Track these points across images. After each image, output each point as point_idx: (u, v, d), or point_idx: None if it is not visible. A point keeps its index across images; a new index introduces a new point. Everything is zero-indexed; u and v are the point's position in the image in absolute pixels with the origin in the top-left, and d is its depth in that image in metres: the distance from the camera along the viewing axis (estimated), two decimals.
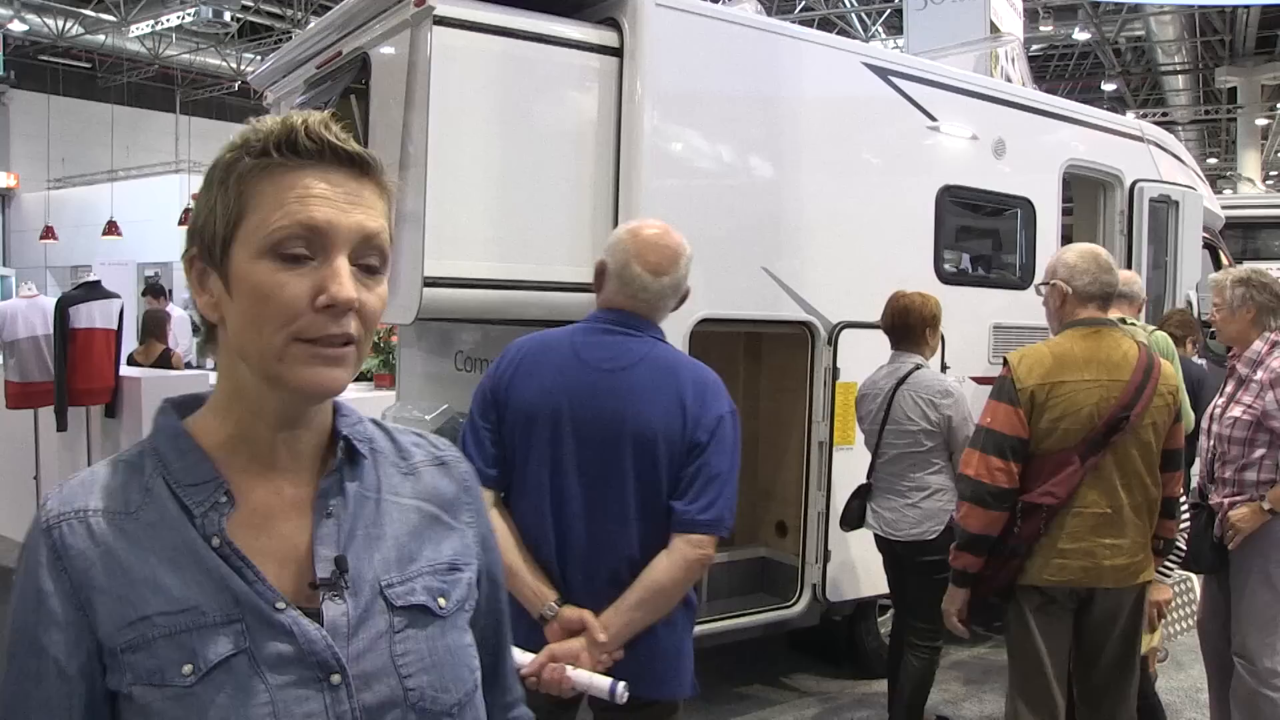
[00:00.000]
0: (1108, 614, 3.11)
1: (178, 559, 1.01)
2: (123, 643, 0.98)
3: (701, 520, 2.33)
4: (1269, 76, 22.17)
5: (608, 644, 2.31)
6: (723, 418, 2.39)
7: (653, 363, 2.43)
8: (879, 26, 20.70)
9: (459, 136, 3.70)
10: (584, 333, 2.51)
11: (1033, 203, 5.45)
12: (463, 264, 3.69)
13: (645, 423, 2.36)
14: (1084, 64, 24.31)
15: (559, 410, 2.41)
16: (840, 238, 4.68)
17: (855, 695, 4.91)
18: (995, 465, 3.05)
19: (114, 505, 1.03)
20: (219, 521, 1.02)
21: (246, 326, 1.02)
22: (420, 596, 1.11)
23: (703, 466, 2.35)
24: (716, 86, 4.30)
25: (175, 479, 1.04)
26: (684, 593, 2.39)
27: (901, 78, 4.88)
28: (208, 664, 0.98)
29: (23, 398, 6.56)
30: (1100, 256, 3.23)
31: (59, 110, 24.51)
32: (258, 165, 1.02)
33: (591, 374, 2.43)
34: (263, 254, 1.01)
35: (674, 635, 2.45)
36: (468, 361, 4.99)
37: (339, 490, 1.10)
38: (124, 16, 20.38)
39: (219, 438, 1.08)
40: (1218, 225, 8.02)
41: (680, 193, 4.13)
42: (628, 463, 2.36)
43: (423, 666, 1.08)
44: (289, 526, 1.08)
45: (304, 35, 4.90)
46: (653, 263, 2.45)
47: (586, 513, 2.40)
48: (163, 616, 0.98)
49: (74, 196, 23.04)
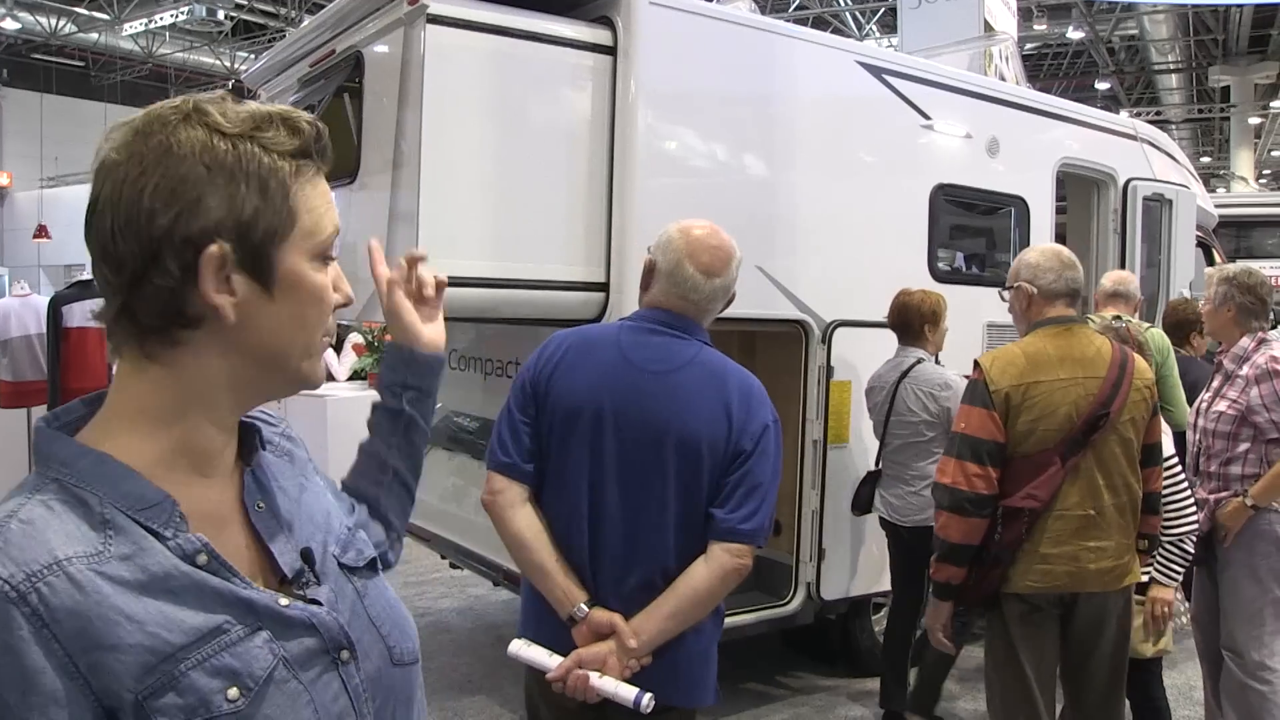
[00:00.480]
0: (1094, 619, 3.04)
1: (172, 587, 0.93)
2: (144, 691, 0.89)
3: (743, 530, 2.29)
4: (1262, 75, 22.25)
5: (637, 650, 2.27)
6: (768, 427, 2.35)
7: (700, 367, 2.39)
8: (873, 25, 20.74)
9: (452, 135, 3.69)
10: (631, 332, 2.45)
11: (1026, 201, 5.46)
12: (456, 263, 3.68)
13: (690, 428, 2.31)
14: (1078, 63, 24.37)
15: (602, 410, 2.35)
16: (834, 236, 4.68)
17: (849, 693, 4.92)
18: (973, 471, 2.95)
19: (84, 549, 0.90)
20: (196, 541, 0.97)
21: (291, 326, 1.03)
22: (367, 553, 1.18)
23: (746, 475, 2.31)
24: (710, 85, 4.30)
25: (128, 506, 0.94)
26: (717, 601, 2.36)
27: (896, 76, 4.89)
28: (257, 681, 0.95)
29: (16, 397, 6.55)
30: (1062, 254, 3.17)
31: (52, 109, 24.48)
32: (299, 167, 1.02)
33: (637, 375, 2.37)
34: (315, 257, 1.04)
35: (701, 642, 2.40)
36: (462, 360, 4.98)
37: (256, 485, 1.10)
38: (117, 15, 20.36)
39: (150, 454, 0.98)
40: (1211, 224, 8.04)
41: (674, 191, 4.12)
42: (669, 467, 2.31)
43: (387, 618, 1.14)
44: (230, 528, 1.06)
45: (297, 33, 4.89)
46: (705, 263, 2.40)
47: (624, 515, 2.34)
48: (187, 650, 0.91)
49: (68, 195, 22.96)
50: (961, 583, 3.05)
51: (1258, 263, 12.51)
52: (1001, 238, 5.64)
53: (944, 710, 4.70)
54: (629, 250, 3.96)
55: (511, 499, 2.38)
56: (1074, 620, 3.05)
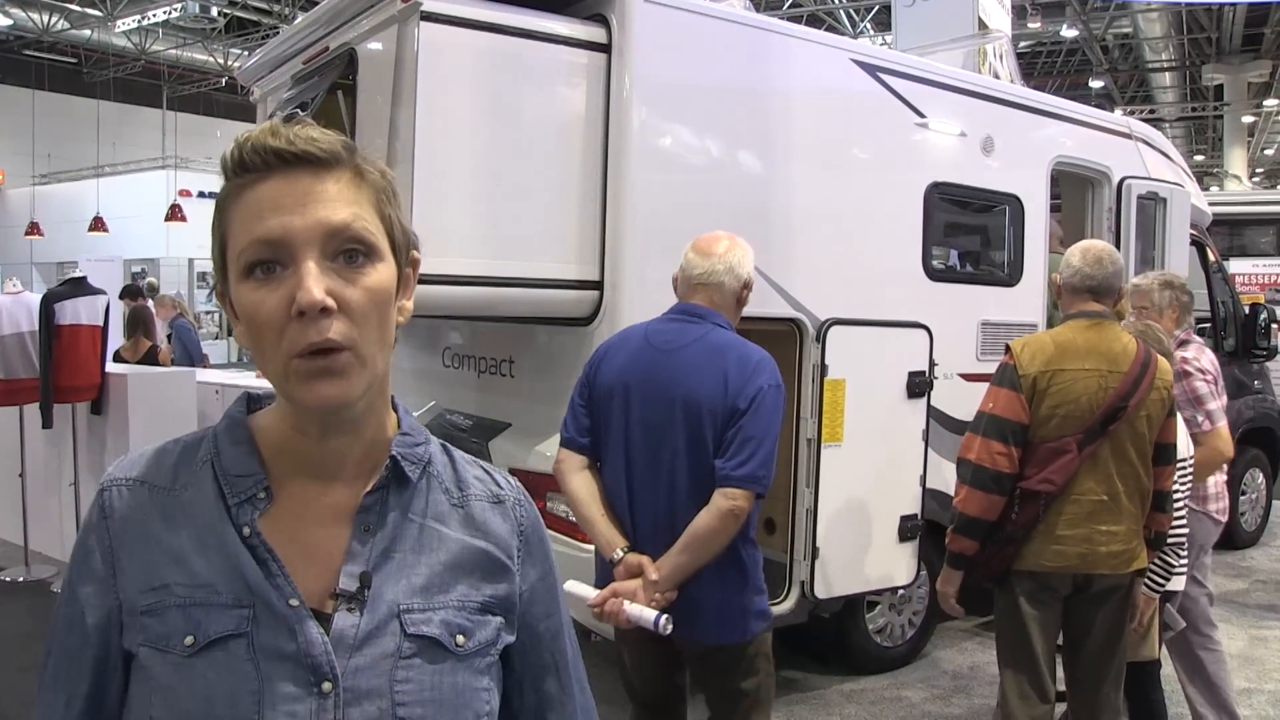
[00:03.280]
0: (1100, 600, 3.19)
1: (205, 540, 1.04)
2: (143, 605, 1.02)
3: (735, 475, 2.68)
4: (1255, 74, 22.30)
5: (659, 584, 2.70)
6: (762, 389, 2.72)
7: (705, 344, 2.81)
8: (867, 23, 20.74)
9: (446, 133, 3.68)
10: (656, 322, 2.96)
11: (1021, 200, 5.46)
12: (450, 261, 3.68)
13: (693, 394, 2.75)
14: (1072, 61, 24.38)
15: (627, 387, 2.85)
16: (828, 235, 4.68)
17: (843, 692, 4.92)
18: (997, 449, 3.13)
19: (161, 480, 1.08)
20: (251, 514, 1.05)
21: (255, 350, 1.03)
22: (436, 629, 1.07)
23: (739, 430, 2.70)
24: (704, 83, 4.29)
25: (222, 467, 1.08)
26: (724, 541, 2.71)
27: (890, 74, 4.88)
28: (207, 637, 1.00)
29: (7, 394, 6.51)
30: (1090, 252, 3.32)
31: (45, 106, 24.37)
32: (227, 190, 1.04)
33: (653, 354, 2.85)
34: (242, 276, 1.01)
35: (723, 587, 2.79)
36: (455, 359, 4.98)
37: (381, 507, 1.09)
38: (110, 11, 20.29)
39: (274, 437, 1.10)
40: (1205, 222, 8.04)
41: (668, 189, 4.11)
42: (680, 429, 2.75)
43: (421, 699, 1.05)
44: (323, 533, 1.07)
45: (291, 30, 4.87)
46: (700, 246, 2.94)
47: (649, 473, 2.80)
48: (180, 587, 1.02)
49: (60, 192, 22.94)
50: (975, 556, 3.25)
51: (1250, 261, 12.59)
52: (996, 236, 5.64)
53: (938, 707, 4.69)
54: (623, 249, 3.95)
55: (570, 466, 2.93)
56: (1080, 601, 3.20)
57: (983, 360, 5.19)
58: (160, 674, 1.00)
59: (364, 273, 1.02)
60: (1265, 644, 5.75)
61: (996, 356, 3.59)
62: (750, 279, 2.95)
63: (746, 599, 2.84)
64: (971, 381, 5.12)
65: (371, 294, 1.02)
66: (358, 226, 1.02)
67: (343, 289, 1.00)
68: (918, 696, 4.88)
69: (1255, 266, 12.49)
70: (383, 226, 1.06)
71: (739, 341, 2.85)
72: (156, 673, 1.00)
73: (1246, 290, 10.90)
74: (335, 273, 1.00)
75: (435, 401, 5.10)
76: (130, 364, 7.75)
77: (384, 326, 1.04)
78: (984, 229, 5.78)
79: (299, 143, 1.01)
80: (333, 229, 1.00)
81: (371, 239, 1.03)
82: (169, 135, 24.15)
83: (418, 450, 1.14)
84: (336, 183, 1.03)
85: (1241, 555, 7.69)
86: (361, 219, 1.03)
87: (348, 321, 0.99)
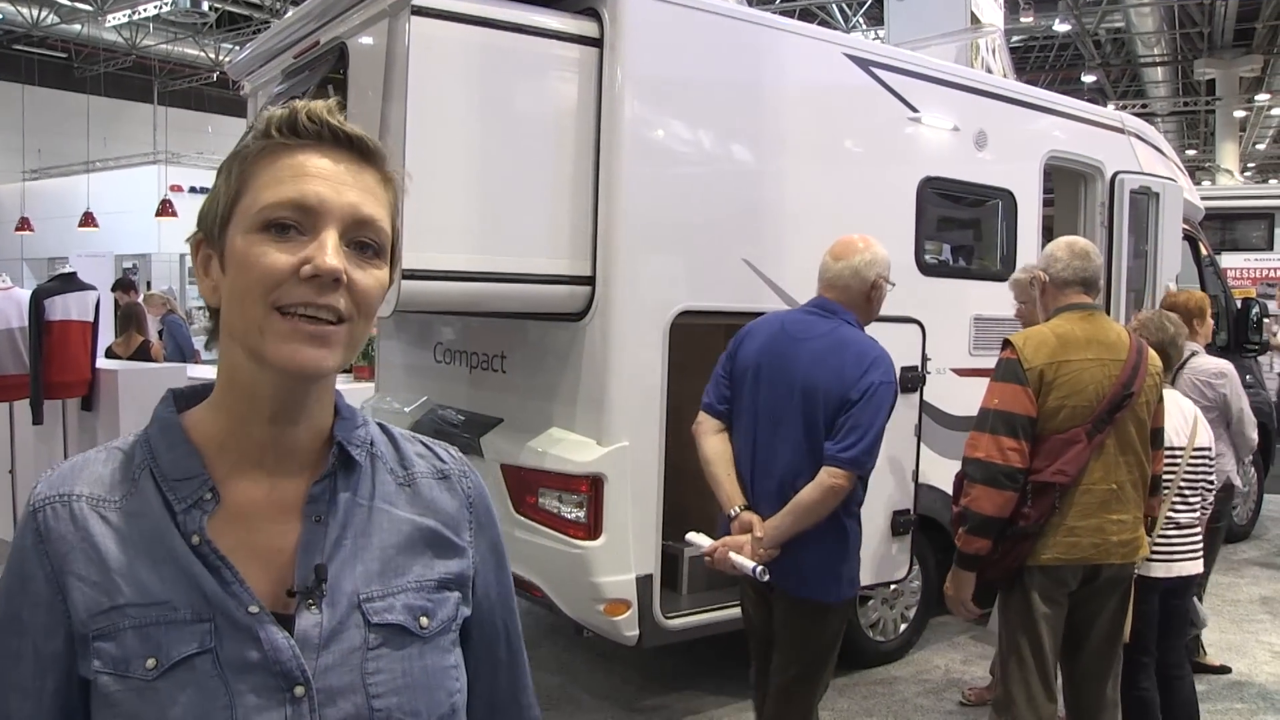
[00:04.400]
0: (1106, 590, 3.21)
1: (155, 553, 1.00)
2: (94, 630, 0.98)
3: (840, 457, 3.01)
4: (1247, 69, 22.34)
5: (764, 540, 3.04)
6: (875, 384, 3.04)
7: (830, 338, 3.16)
8: (860, 17, 20.71)
9: (437, 127, 3.66)
10: (795, 313, 3.39)
11: (1014, 194, 5.45)
12: (442, 256, 3.67)
13: (811, 381, 3.10)
14: (1064, 55, 24.40)
15: (760, 367, 3.22)
16: (821, 229, 4.64)
17: (836, 685, 4.91)
18: (1008, 445, 3.12)
19: (99, 492, 1.03)
20: (200, 520, 1.01)
21: (232, 299, 1.01)
22: (399, 615, 1.07)
23: (849, 418, 3.02)
24: (697, 77, 4.27)
25: (162, 472, 1.03)
26: (823, 512, 3.03)
27: (882, 68, 4.87)
28: (170, 660, 0.97)
29: None
30: (1075, 245, 3.38)
31: (35, 101, 24.26)
32: (258, 147, 1.04)
33: (786, 341, 3.21)
34: (254, 229, 1.01)
35: (821, 551, 3.11)
36: (447, 354, 4.96)
37: (330, 496, 1.08)
38: (100, 6, 20.20)
39: (212, 433, 1.06)
40: (1197, 216, 8.05)
41: (660, 184, 4.10)
42: (798, 410, 3.10)
43: (394, 687, 1.04)
44: (275, 529, 1.05)
45: (281, 24, 4.85)
46: (834, 251, 3.29)
47: (769, 445, 3.16)
48: (134, 608, 0.98)
49: (50, 188, 22.81)
50: (986, 555, 3.22)
51: (1242, 255, 12.61)
52: (989, 231, 5.64)
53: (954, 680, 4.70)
54: (615, 244, 3.94)
55: (706, 430, 3.30)
56: (1087, 592, 3.20)
57: (975, 355, 5.19)
58: (123, 700, 0.97)
59: (373, 264, 1.06)
60: (1255, 638, 5.77)
61: (989, 351, 3.60)
62: (878, 280, 3.24)
63: (840, 564, 3.14)
64: (964, 376, 5.13)
65: (377, 285, 1.05)
66: (379, 226, 1.06)
67: (353, 270, 1.02)
68: (910, 691, 4.89)
69: (1247, 261, 12.51)
70: (389, 235, 1.09)
71: (862, 338, 3.17)
72: (118, 699, 0.97)
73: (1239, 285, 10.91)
74: (345, 253, 1.03)
75: (427, 397, 5.08)
76: (122, 359, 7.73)
77: (369, 320, 1.06)
78: (977, 223, 5.78)
79: (353, 127, 1.06)
80: (361, 218, 1.03)
81: (384, 240, 1.07)
82: (160, 130, 24.05)
83: (359, 433, 1.13)
84: (372, 178, 1.07)
85: (1233, 549, 7.71)
86: (382, 219, 1.07)
87: (349, 300, 1.02)
